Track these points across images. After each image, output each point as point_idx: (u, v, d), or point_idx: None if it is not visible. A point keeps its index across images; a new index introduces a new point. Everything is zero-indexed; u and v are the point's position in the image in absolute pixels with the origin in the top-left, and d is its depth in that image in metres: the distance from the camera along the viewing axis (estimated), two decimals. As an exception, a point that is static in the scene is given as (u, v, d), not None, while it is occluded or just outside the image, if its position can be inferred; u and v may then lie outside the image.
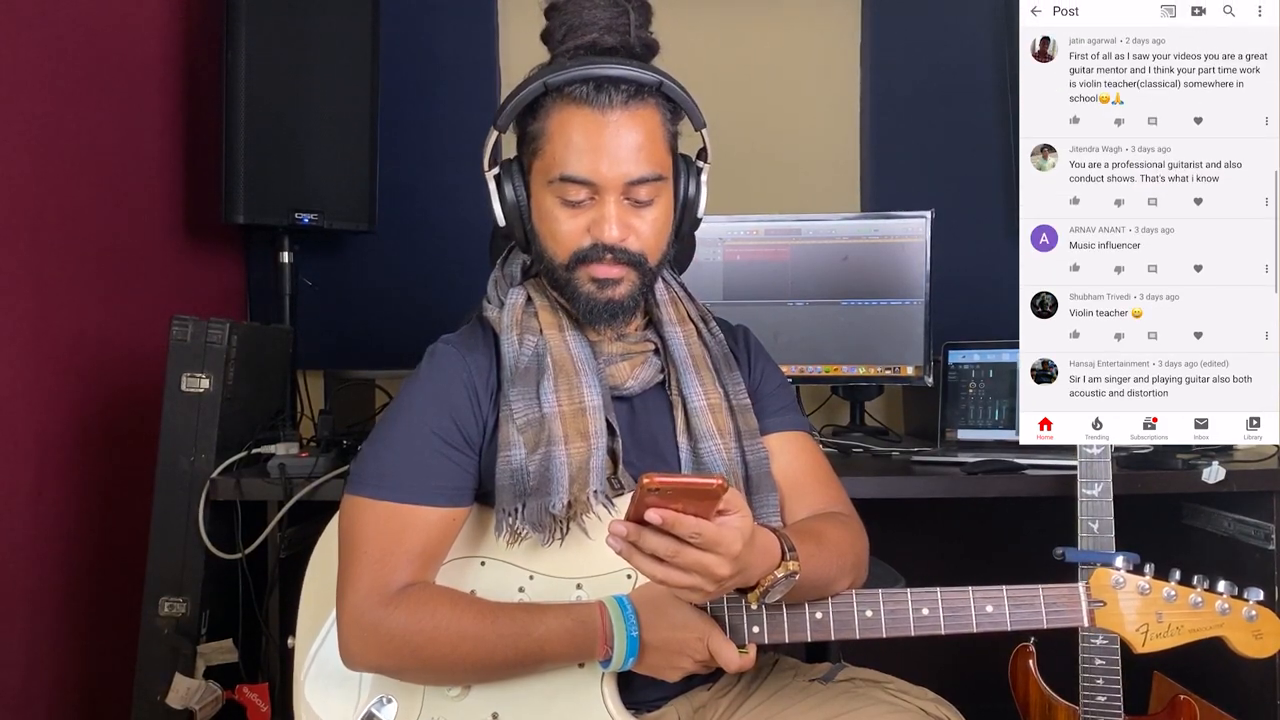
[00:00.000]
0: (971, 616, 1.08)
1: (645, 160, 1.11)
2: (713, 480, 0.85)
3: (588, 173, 1.10)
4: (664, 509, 0.86)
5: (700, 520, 0.87)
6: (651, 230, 1.14)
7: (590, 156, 1.09)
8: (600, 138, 1.09)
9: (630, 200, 1.12)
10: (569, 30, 1.13)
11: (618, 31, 1.12)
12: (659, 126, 1.13)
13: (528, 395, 1.14)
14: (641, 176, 1.11)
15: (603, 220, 1.11)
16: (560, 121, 1.11)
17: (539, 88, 1.11)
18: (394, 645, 1.06)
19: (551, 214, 1.13)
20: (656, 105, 1.13)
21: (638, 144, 1.10)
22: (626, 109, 1.10)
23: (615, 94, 1.09)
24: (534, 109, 1.13)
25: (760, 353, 1.30)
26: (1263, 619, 1.11)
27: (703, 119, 1.17)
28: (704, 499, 0.87)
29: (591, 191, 1.11)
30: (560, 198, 1.12)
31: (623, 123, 1.10)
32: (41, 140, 1.72)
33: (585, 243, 1.12)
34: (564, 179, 1.10)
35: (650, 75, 1.11)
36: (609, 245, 1.11)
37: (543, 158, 1.13)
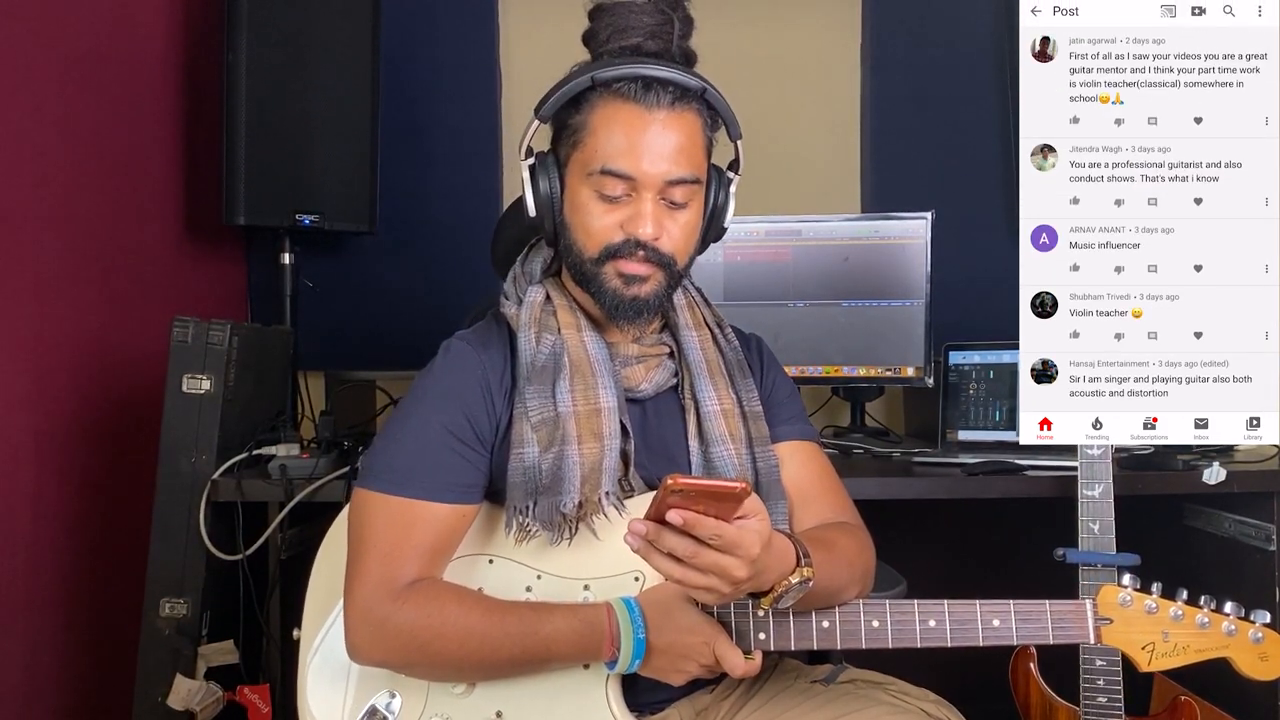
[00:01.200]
0: (978, 630, 1.08)
1: (685, 162, 1.12)
2: (736, 484, 0.85)
3: (629, 168, 1.10)
4: (685, 510, 0.86)
5: (720, 522, 0.88)
6: (683, 234, 1.14)
7: (633, 153, 1.10)
8: (644, 135, 1.10)
9: (666, 201, 1.13)
10: (614, 32, 1.13)
11: (661, 38, 1.13)
12: (699, 132, 1.14)
13: (543, 394, 1.14)
14: (680, 178, 1.12)
15: (639, 217, 1.11)
16: (605, 116, 1.11)
17: (586, 81, 1.11)
18: (401, 640, 1.06)
19: (586, 207, 1.13)
20: (698, 111, 1.14)
21: (679, 145, 1.11)
22: (672, 110, 1.11)
23: (662, 95, 1.10)
24: (577, 102, 1.13)
25: (773, 362, 1.31)
26: (1269, 641, 1.10)
27: (739, 130, 1.18)
28: (725, 501, 0.87)
29: (630, 188, 1.11)
30: (598, 191, 1.12)
31: (667, 123, 1.11)
32: (42, 141, 1.72)
33: (618, 238, 1.12)
34: (605, 172, 1.11)
35: (696, 81, 1.12)
36: (641, 242, 1.12)
37: (583, 150, 1.13)
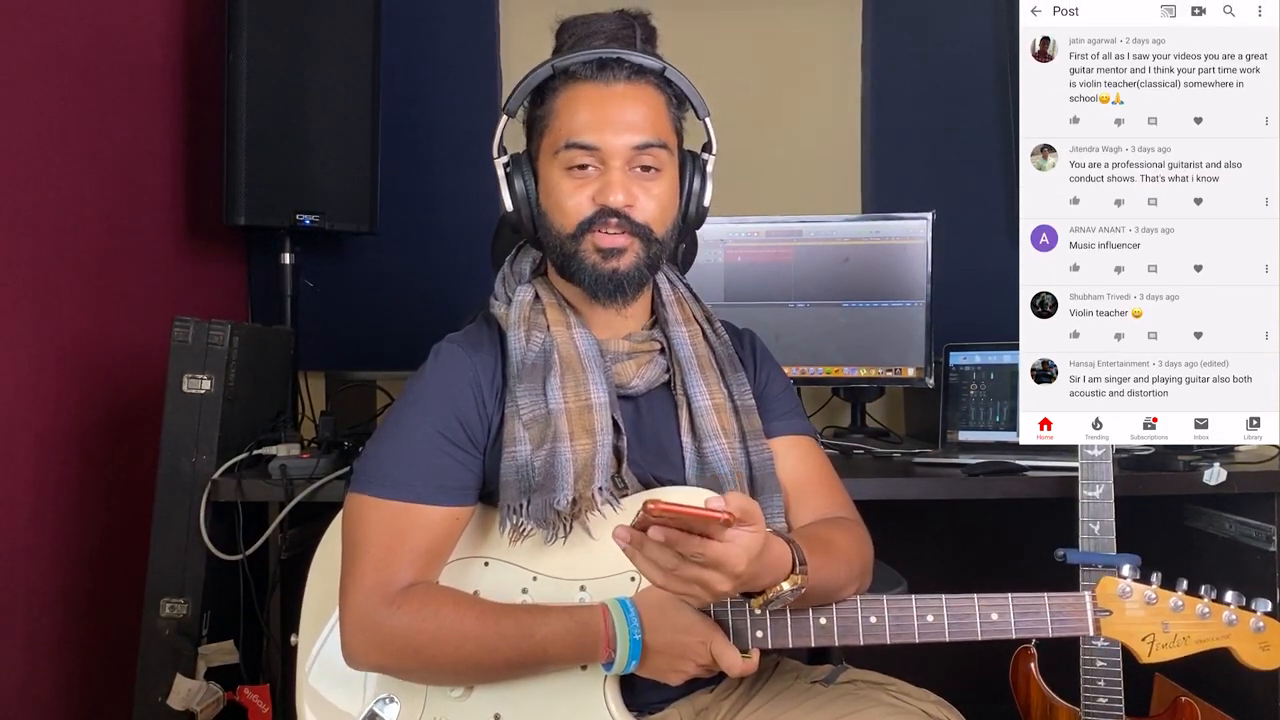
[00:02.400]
0: (976, 624, 1.08)
1: (649, 128, 1.14)
2: (720, 514, 0.83)
3: (593, 139, 1.12)
4: (668, 530, 0.85)
5: (704, 540, 0.86)
6: (657, 204, 1.15)
7: (595, 124, 1.12)
8: (605, 108, 1.13)
9: (635, 168, 1.14)
10: (577, 40, 1.16)
11: (622, 41, 1.15)
12: (662, 105, 1.16)
13: (534, 391, 1.14)
14: (646, 141, 1.13)
15: (609, 186, 1.12)
16: (567, 99, 1.14)
17: (546, 70, 1.15)
18: (396, 645, 1.06)
19: (559, 186, 1.15)
20: (658, 87, 1.16)
21: (642, 114, 1.14)
22: (630, 83, 1.14)
23: (619, 70, 1.13)
24: (541, 94, 1.16)
25: (766, 357, 1.31)
26: (1270, 630, 1.10)
27: (706, 108, 1.19)
28: (710, 524, 0.85)
29: (597, 159, 1.13)
30: (566, 167, 1.14)
31: (626, 94, 1.13)
32: (43, 142, 1.72)
33: (590, 210, 1.13)
34: (570, 145, 1.13)
35: (653, 60, 1.15)
36: (614, 209, 1.12)
37: (550, 134, 1.15)
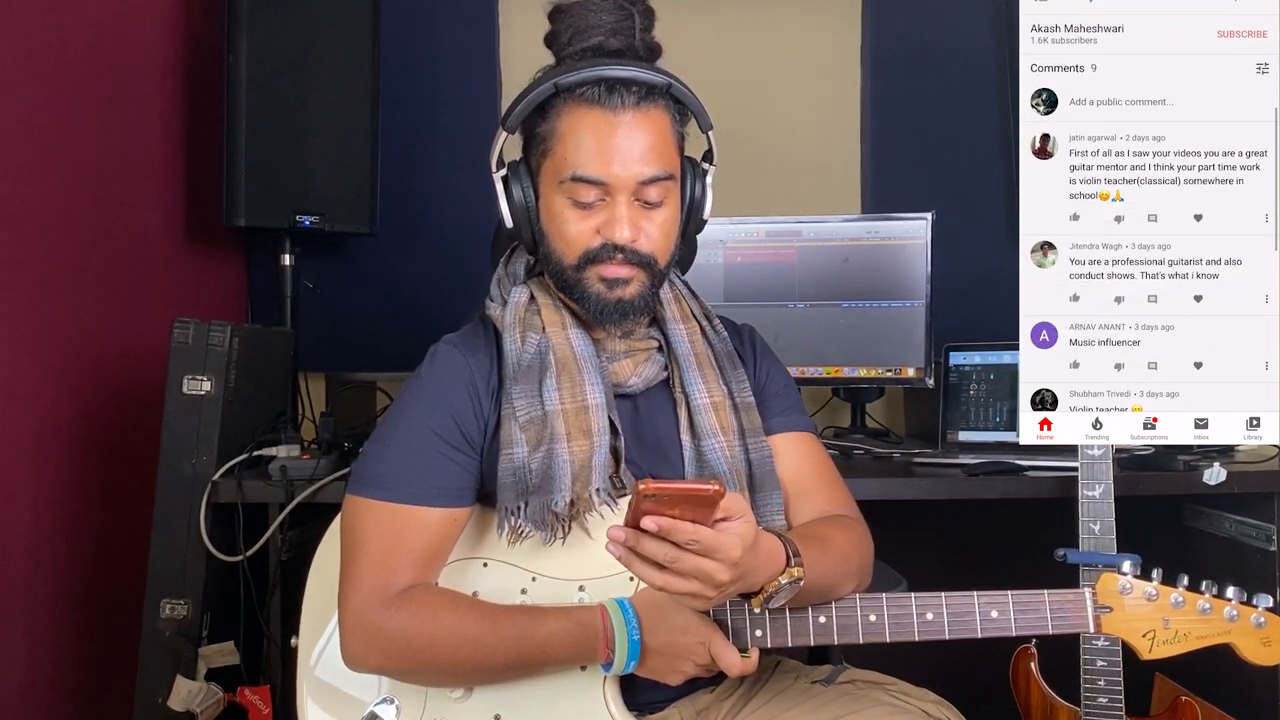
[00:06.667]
0: (976, 621, 1.08)
1: (656, 160, 1.11)
2: (708, 486, 0.84)
3: (600, 173, 1.10)
4: (660, 516, 0.86)
5: (697, 526, 0.87)
6: (660, 232, 1.14)
7: (602, 157, 1.09)
8: (612, 139, 1.09)
9: (640, 201, 1.12)
10: (575, 33, 1.13)
11: (623, 34, 1.12)
12: (668, 127, 1.14)
13: (530, 393, 1.14)
14: (653, 176, 1.11)
15: (614, 221, 1.11)
16: (571, 123, 1.11)
17: (549, 89, 1.11)
18: (395, 647, 1.06)
19: (561, 215, 1.13)
20: (666, 107, 1.13)
21: (649, 144, 1.11)
22: (638, 110, 1.10)
23: (626, 95, 1.09)
24: (543, 110, 1.13)
25: (766, 352, 1.30)
26: (1271, 626, 1.09)
27: (710, 121, 1.17)
28: (701, 505, 0.86)
29: (603, 192, 1.11)
30: (571, 198, 1.12)
31: (634, 124, 1.10)
32: (43, 143, 1.73)
33: (595, 243, 1.12)
34: (576, 179, 1.10)
35: (660, 77, 1.11)
36: (619, 246, 1.11)
37: (553, 158, 1.13)
